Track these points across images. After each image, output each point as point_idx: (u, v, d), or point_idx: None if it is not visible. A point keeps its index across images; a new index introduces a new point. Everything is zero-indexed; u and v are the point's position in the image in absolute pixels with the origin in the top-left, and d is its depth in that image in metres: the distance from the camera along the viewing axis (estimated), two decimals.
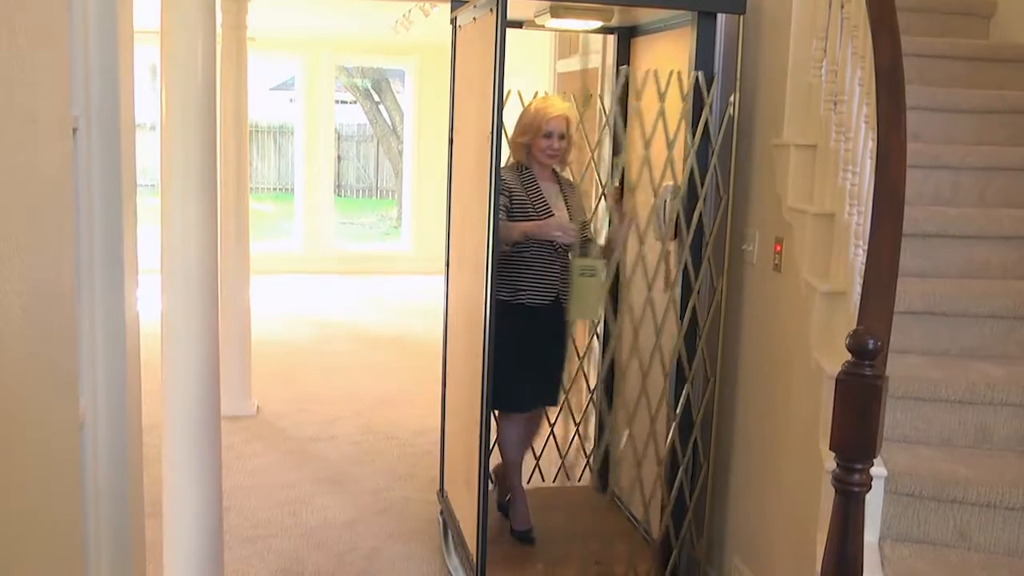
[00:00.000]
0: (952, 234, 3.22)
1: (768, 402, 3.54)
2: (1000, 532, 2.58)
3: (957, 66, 3.80)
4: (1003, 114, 3.63)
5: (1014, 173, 3.43)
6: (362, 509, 4.83)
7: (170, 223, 3.18)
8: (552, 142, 3.98)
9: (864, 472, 2.06)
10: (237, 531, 4.47)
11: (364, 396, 6.77)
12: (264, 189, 18.40)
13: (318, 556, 4.31)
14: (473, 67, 3.95)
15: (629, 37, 4.47)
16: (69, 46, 1.78)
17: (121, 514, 2.13)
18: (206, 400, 3.29)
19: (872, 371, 2.03)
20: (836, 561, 2.10)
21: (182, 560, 3.35)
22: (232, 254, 6.09)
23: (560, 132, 3.99)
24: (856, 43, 2.95)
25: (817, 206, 3.19)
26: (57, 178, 1.49)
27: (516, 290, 3.97)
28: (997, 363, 2.96)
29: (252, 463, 5.42)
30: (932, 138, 3.55)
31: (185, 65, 3.12)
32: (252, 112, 6.65)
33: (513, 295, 3.96)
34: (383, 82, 17.47)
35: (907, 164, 2.50)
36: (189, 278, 3.21)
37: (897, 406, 2.80)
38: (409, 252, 12.09)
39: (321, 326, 9.02)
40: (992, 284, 3.14)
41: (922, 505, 2.62)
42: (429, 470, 5.15)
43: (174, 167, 3.16)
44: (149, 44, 3.76)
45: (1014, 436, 2.79)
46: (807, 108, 3.36)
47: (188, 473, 3.29)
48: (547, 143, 3.98)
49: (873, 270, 2.31)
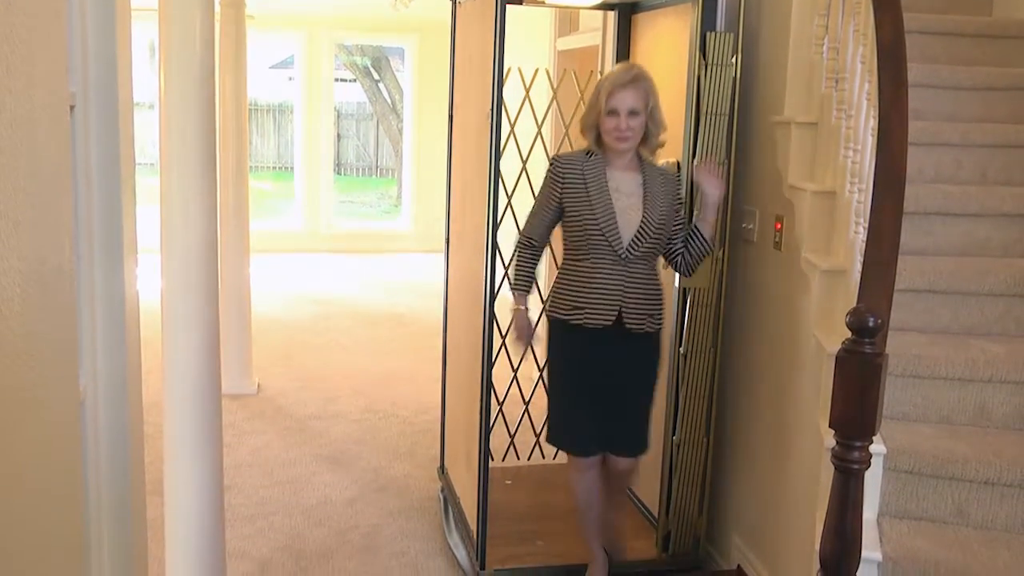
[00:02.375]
0: (953, 212, 3.22)
1: (768, 380, 3.55)
2: (998, 509, 2.59)
3: (960, 43, 3.77)
4: (1006, 91, 3.60)
5: (1016, 151, 3.41)
6: (363, 486, 4.85)
7: (169, 202, 3.18)
8: (619, 121, 3.20)
9: (863, 449, 2.06)
10: (238, 509, 4.49)
11: (364, 374, 6.78)
12: (264, 168, 18.39)
13: (319, 533, 4.33)
14: (473, 45, 3.93)
15: (630, 14, 4.45)
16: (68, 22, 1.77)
17: (122, 491, 2.13)
18: (207, 378, 3.29)
19: (872, 349, 2.03)
20: (835, 538, 2.11)
21: (184, 537, 3.37)
22: (232, 233, 6.09)
23: (630, 108, 3.20)
24: (858, 20, 2.93)
25: (818, 184, 3.18)
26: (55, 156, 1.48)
27: (573, 307, 3.31)
28: (996, 341, 2.96)
29: (253, 441, 5.43)
30: (934, 115, 3.54)
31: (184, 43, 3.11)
32: (251, 90, 6.63)
33: (569, 313, 3.32)
34: (383, 60, 17.40)
35: (908, 142, 2.49)
36: (189, 257, 3.21)
37: (896, 384, 2.80)
38: (409, 231, 12.08)
39: (321, 304, 9.02)
40: (992, 262, 3.13)
41: (921, 482, 2.63)
42: (430, 448, 5.17)
43: (173, 146, 3.15)
44: (148, 21, 3.74)
45: (1013, 414, 2.80)
46: (808, 85, 3.34)
47: (189, 451, 3.30)
48: (613, 123, 3.21)
49: (874, 248, 2.31)
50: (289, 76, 15.90)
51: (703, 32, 3.60)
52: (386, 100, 17.74)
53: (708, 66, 3.57)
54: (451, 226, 4.41)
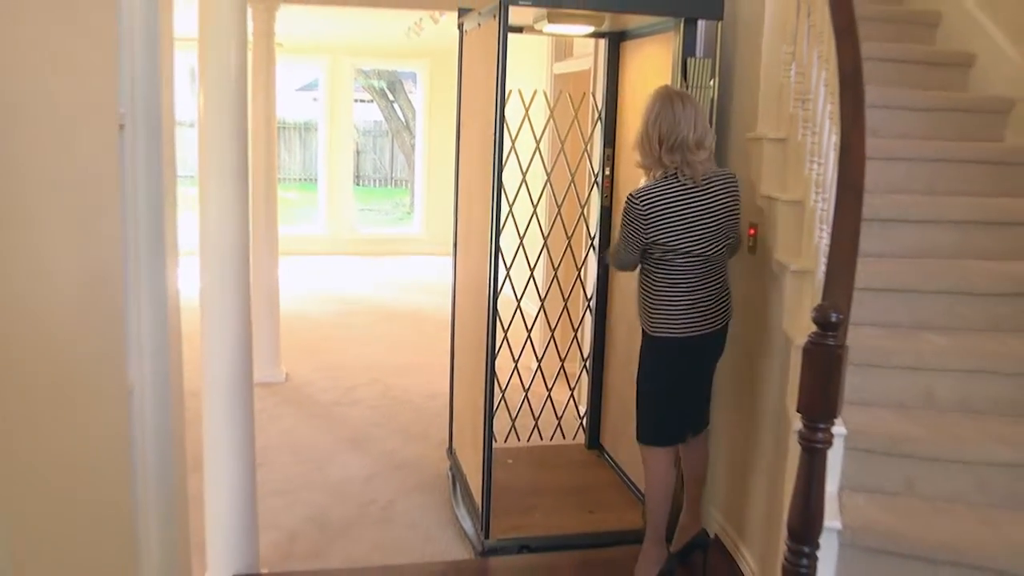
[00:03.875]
0: (905, 219, 3.22)
1: (743, 369, 3.55)
2: (942, 482, 2.60)
3: (909, 69, 3.79)
4: (949, 112, 3.63)
5: (960, 164, 3.43)
6: (380, 465, 4.85)
7: (207, 210, 3.19)
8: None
9: (827, 431, 2.07)
10: (269, 485, 4.50)
11: (381, 365, 6.78)
12: (291, 179, 18.36)
13: (341, 507, 4.34)
14: (478, 68, 3.94)
15: (619, 41, 4.45)
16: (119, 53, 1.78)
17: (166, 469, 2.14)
18: (240, 368, 3.30)
19: (835, 341, 2.03)
20: (801, 510, 2.11)
21: (221, 510, 3.38)
22: (262, 237, 6.10)
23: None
24: (822, 48, 2.94)
25: (788, 194, 3.18)
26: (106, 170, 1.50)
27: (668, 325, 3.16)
28: (942, 334, 2.96)
29: (282, 424, 5.44)
30: (888, 133, 3.55)
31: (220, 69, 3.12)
32: (280, 110, 6.63)
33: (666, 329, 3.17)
34: (397, 83, 17.38)
35: (866, 156, 2.49)
36: (224, 259, 3.22)
37: (856, 372, 2.80)
38: (420, 235, 12.07)
39: (342, 302, 9.02)
40: (939, 264, 3.14)
41: (876, 459, 2.63)
42: (439, 431, 5.17)
43: (210, 160, 3.16)
44: (188, 50, 3.74)
45: (956, 398, 2.81)
46: (778, 105, 3.35)
47: (225, 433, 3.32)
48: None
49: (836, 251, 2.31)
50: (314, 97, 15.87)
51: (684, 57, 3.60)
52: (400, 118, 17.73)
53: (689, 88, 3.57)
54: (458, 231, 4.41)
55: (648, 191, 3.09)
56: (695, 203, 3.10)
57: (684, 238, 3.09)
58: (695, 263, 3.13)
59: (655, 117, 3.07)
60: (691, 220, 3.09)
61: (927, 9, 4.10)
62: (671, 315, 3.16)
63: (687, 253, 3.10)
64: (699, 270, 3.14)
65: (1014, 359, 2.77)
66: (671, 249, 3.09)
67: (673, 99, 3.08)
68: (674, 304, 3.15)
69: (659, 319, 3.18)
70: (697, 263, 3.13)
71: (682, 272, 3.13)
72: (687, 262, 3.12)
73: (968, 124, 3.64)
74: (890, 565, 2.46)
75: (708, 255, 3.14)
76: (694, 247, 3.10)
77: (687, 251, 3.10)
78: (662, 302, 3.16)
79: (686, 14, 3.62)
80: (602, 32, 4.43)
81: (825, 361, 2.03)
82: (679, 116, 3.04)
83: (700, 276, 3.15)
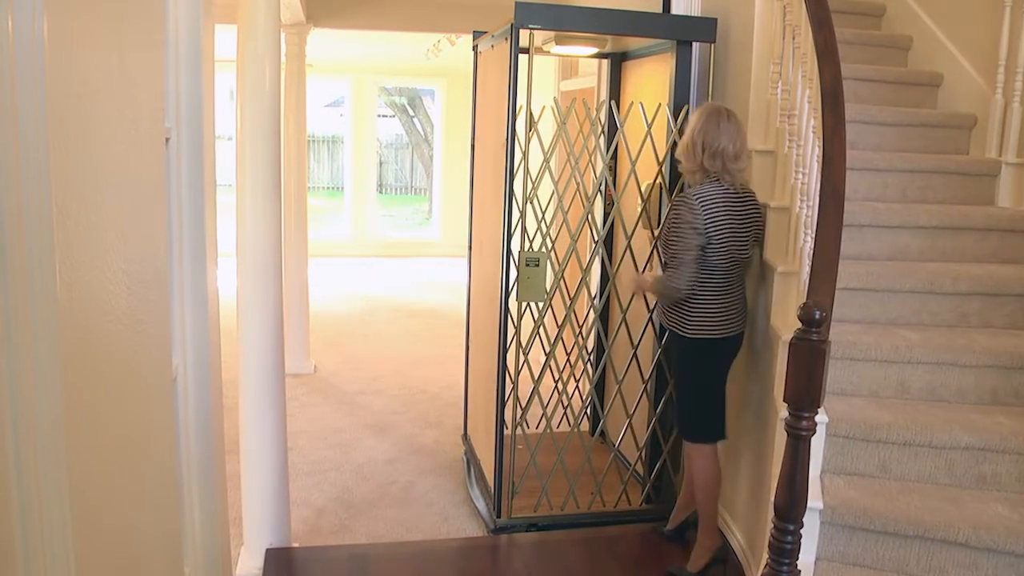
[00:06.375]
0: (881, 224, 3.22)
1: (735, 363, 3.54)
2: (913, 464, 2.61)
3: (884, 88, 3.82)
4: (919, 127, 3.66)
5: (928, 175, 3.45)
6: (400, 449, 4.87)
7: (243, 216, 3.21)
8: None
9: (810, 419, 2.07)
10: (299, 466, 4.52)
11: (402, 357, 6.80)
12: (319, 188, 18.41)
13: (365, 487, 4.35)
14: (491, 86, 3.95)
15: (620, 61, 4.46)
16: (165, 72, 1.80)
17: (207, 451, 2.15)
18: (273, 360, 3.32)
19: (818, 337, 2.04)
20: (787, 491, 2.12)
21: (256, 489, 3.40)
22: (293, 241, 6.12)
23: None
24: (805, 68, 2.94)
25: (776, 201, 3.18)
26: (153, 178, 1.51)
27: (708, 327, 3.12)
28: (914, 329, 2.96)
29: (311, 412, 5.46)
30: (864, 146, 3.56)
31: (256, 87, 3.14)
32: (309, 125, 6.65)
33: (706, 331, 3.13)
34: (417, 99, 17.41)
35: (846, 167, 2.49)
36: (258, 261, 3.24)
37: (837, 365, 2.81)
38: (438, 239, 12.08)
39: (366, 300, 9.04)
40: (911, 265, 3.14)
41: (854, 445, 2.63)
42: (455, 418, 5.19)
43: (247, 170, 3.18)
44: (228, 71, 3.77)
45: (925, 388, 2.81)
46: (766, 120, 3.35)
47: (260, 419, 3.33)
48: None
49: (819, 254, 2.31)
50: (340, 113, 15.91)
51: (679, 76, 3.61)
52: (419, 132, 17.76)
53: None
54: (473, 236, 4.42)
55: (698, 191, 3.07)
56: (738, 207, 3.09)
57: (732, 238, 3.06)
58: (732, 267, 3.10)
59: (700, 127, 3.07)
60: (736, 222, 3.07)
61: (900, 34, 4.13)
62: (711, 317, 3.12)
63: (729, 255, 3.07)
64: (735, 273, 3.13)
65: (978, 353, 2.78)
66: (720, 249, 3.04)
67: (720, 113, 3.08)
68: (714, 306, 3.11)
69: (698, 321, 3.13)
70: (734, 267, 3.11)
71: (722, 276, 3.10)
72: (727, 265, 3.08)
73: (936, 138, 3.67)
74: (866, 540, 2.46)
75: (743, 259, 3.14)
76: (740, 250, 3.09)
77: (730, 253, 3.06)
78: (703, 305, 3.12)
79: (681, 37, 3.63)
80: (605, 53, 4.44)
81: (810, 355, 2.04)
82: (723, 128, 3.04)
83: (736, 280, 3.14)
